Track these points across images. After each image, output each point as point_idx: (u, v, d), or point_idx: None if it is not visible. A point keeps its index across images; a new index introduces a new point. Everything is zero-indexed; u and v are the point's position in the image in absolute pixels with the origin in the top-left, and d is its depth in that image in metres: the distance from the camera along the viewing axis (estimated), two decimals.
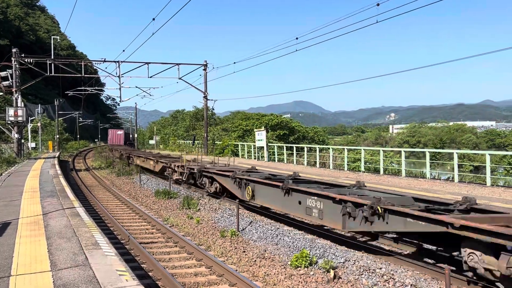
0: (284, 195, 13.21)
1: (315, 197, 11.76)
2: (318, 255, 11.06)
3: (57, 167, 30.67)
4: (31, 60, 30.80)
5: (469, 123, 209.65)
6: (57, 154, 50.51)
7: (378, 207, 9.67)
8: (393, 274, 9.41)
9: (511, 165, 34.78)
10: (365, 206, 9.97)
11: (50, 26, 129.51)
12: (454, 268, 9.38)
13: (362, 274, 9.65)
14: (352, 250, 11.25)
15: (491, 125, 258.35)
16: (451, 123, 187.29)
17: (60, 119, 73.42)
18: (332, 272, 9.82)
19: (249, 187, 15.53)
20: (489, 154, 19.92)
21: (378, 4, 14.21)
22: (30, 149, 52.59)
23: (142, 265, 11.09)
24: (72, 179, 32.28)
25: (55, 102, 67.87)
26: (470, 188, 17.24)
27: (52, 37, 41.59)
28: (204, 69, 32.41)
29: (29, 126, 56.90)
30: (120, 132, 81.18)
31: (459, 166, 21.68)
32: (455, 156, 20.55)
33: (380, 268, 9.77)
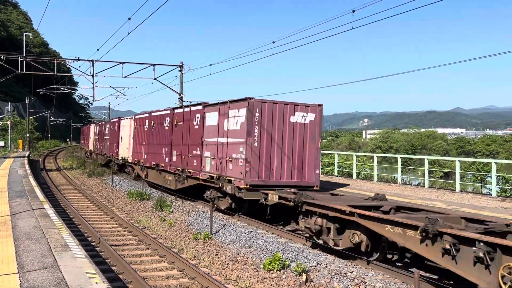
0: None
1: None
2: (290, 258, 11.11)
3: (27, 166, 30.00)
4: (2, 57, 30.06)
5: (440, 130, 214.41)
6: (27, 153, 49.40)
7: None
8: (364, 278, 9.53)
9: (480, 172, 35.67)
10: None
11: (22, 23, 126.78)
12: (423, 273, 9.57)
13: (334, 277, 9.74)
14: (324, 254, 11.35)
15: (461, 132, 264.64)
16: (422, 130, 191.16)
17: (31, 117, 71.84)
18: (304, 276, 9.88)
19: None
20: (458, 161, 20.38)
21: (353, 11, 14.40)
22: None
23: (112, 267, 10.93)
24: (42, 179, 31.60)
25: (26, 100, 66.35)
26: (440, 193, 17.60)
27: (24, 33, 40.72)
28: (180, 70, 32.22)
29: None
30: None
31: (430, 171, 22.09)
32: (426, 162, 20.95)
33: (352, 272, 9.88)
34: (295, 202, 12.30)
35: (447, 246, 7.95)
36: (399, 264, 11.01)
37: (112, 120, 38.96)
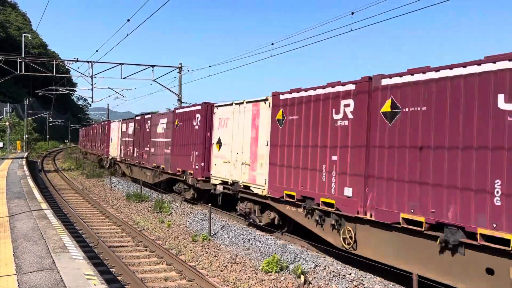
0: None
1: None
2: (289, 260, 11.11)
3: (25, 167, 29.95)
4: (1, 58, 30.04)
5: None
6: (25, 154, 49.31)
7: None
8: (362, 280, 9.53)
9: None
10: None
11: (21, 24, 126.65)
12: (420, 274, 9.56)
13: (332, 279, 9.74)
14: (322, 256, 11.35)
15: None
16: None
17: (29, 118, 71.74)
18: (302, 278, 9.88)
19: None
20: None
21: (352, 13, 14.41)
22: None
23: (111, 269, 10.92)
24: (41, 181, 31.56)
25: (25, 101, 66.25)
26: None
27: (23, 34, 40.63)
28: (179, 72, 32.22)
29: None
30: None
31: None
32: None
33: (350, 274, 9.88)
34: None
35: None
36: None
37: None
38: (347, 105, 10.13)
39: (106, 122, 40.33)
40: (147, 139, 25.80)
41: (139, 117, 28.30)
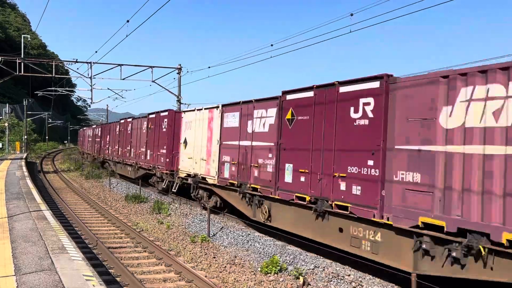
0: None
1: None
2: (288, 261, 11.11)
3: (24, 168, 29.95)
4: (0, 59, 30.04)
5: None
6: (24, 155, 49.29)
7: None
8: (361, 281, 9.54)
9: None
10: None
11: (20, 24, 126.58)
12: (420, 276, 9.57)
13: (331, 280, 9.74)
14: (321, 257, 11.36)
15: None
16: None
17: (28, 119, 71.71)
18: (301, 279, 9.88)
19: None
20: None
21: (351, 14, 14.44)
22: None
23: (110, 270, 10.92)
24: (40, 181, 31.55)
25: (24, 102, 66.25)
26: None
27: (23, 35, 40.66)
28: (178, 73, 32.22)
29: None
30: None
31: None
32: None
33: (349, 275, 9.89)
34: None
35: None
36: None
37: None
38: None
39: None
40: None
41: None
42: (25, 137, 65.80)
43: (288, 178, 12.60)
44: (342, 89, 10.78)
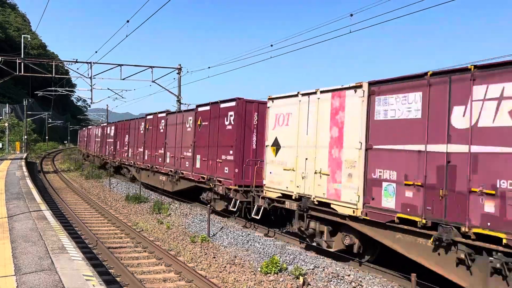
0: None
1: None
2: (288, 261, 11.11)
3: (24, 168, 29.95)
4: (0, 59, 30.04)
5: None
6: (24, 155, 49.28)
7: None
8: (361, 281, 9.54)
9: None
10: None
11: (20, 24, 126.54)
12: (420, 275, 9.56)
13: (331, 280, 9.75)
14: (321, 257, 11.36)
15: None
16: None
17: (28, 119, 71.71)
18: (301, 279, 9.89)
19: None
20: None
21: (351, 15, 14.44)
22: None
23: (110, 270, 10.92)
24: (40, 181, 31.54)
25: (24, 102, 66.24)
26: None
27: (23, 35, 40.68)
28: (178, 73, 32.21)
29: None
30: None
31: None
32: None
33: (349, 275, 9.89)
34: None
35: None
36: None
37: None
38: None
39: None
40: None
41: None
42: (25, 137, 65.81)
43: None
44: None
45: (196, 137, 19.52)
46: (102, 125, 42.25)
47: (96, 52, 29.66)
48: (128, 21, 21.26)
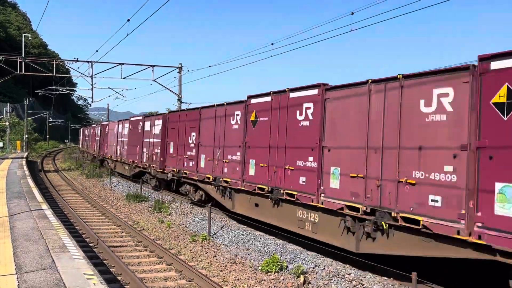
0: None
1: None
2: (288, 260, 11.12)
3: (25, 167, 29.97)
4: (1, 58, 30.05)
5: None
6: (25, 154, 49.32)
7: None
8: (361, 280, 9.54)
9: None
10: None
11: (21, 23, 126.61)
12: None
13: (332, 279, 9.74)
14: (322, 256, 11.35)
15: None
16: None
17: (29, 118, 71.77)
18: (302, 277, 9.89)
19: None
20: None
21: (352, 13, 14.42)
22: None
23: (110, 269, 10.93)
24: (41, 180, 31.57)
25: (25, 101, 66.30)
26: None
27: (23, 34, 40.66)
28: (179, 72, 32.22)
29: None
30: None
31: None
32: None
33: (349, 274, 9.88)
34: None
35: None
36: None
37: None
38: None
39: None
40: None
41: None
42: (26, 136, 65.85)
43: None
44: None
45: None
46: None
47: (96, 51, 29.68)
48: (128, 20, 21.27)
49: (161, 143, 22.95)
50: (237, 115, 15.42)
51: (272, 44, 19.43)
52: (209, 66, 27.73)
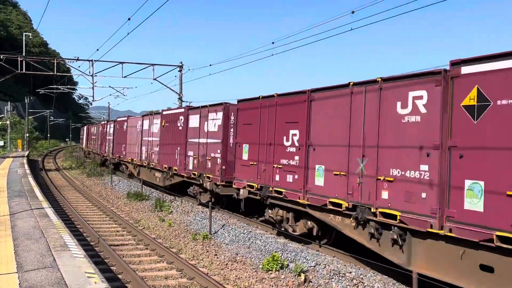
0: None
1: None
2: (289, 258, 11.12)
3: (26, 166, 30.01)
4: (2, 57, 30.04)
5: None
6: (26, 153, 49.38)
7: None
8: (362, 278, 9.54)
9: None
10: None
11: (22, 22, 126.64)
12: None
13: (332, 278, 9.75)
14: (323, 254, 11.36)
15: None
16: None
17: (30, 117, 71.84)
18: (302, 276, 9.89)
19: None
20: None
21: (353, 12, 14.38)
22: None
23: (111, 267, 10.95)
24: (42, 179, 31.59)
25: (26, 100, 66.36)
26: None
27: (24, 33, 40.66)
28: (180, 70, 32.20)
29: None
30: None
31: None
32: None
33: (350, 272, 9.89)
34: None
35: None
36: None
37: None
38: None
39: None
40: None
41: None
42: (27, 135, 65.91)
43: None
44: None
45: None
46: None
47: (97, 50, 29.63)
48: (129, 19, 21.24)
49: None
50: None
51: (273, 43, 19.41)
52: (210, 65, 27.72)
